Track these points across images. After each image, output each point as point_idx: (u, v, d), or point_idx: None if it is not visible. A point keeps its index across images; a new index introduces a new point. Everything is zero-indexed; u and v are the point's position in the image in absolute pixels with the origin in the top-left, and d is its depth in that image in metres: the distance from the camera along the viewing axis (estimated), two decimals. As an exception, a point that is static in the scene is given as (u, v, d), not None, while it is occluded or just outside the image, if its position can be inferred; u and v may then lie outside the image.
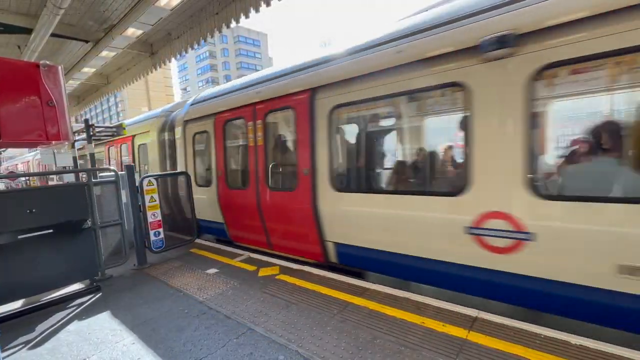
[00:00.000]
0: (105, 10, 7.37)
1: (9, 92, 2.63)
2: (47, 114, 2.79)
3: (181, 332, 2.80)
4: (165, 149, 7.34)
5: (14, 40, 8.47)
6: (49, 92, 2.78)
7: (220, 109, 5.46)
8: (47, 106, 2.79)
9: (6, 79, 2.60)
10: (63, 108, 2.91)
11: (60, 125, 2.87)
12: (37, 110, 2.76)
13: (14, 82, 2.66)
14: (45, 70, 2.77)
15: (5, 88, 2.59)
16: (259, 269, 4.17)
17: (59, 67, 2.95)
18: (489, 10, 2.71)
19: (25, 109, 2.71)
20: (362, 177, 4.03)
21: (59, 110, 2.86)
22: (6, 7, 6.93)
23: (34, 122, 2.77)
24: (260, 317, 2.96)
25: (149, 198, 4.72)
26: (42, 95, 2.77)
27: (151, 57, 10.02)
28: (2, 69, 2.62)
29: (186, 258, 4.90)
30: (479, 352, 2.25)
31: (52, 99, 2.80)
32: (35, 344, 2.80)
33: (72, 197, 3.82)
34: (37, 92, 2.75)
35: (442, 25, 2.97)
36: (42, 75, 2.76)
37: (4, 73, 2.60)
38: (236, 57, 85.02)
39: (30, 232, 3.48)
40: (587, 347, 2.20)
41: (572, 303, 2.51)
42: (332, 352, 2.39)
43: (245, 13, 6.78)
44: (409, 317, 2.77)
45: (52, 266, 3.63)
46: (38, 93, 2.75)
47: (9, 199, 3.43)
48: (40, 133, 2.78)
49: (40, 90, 2.75)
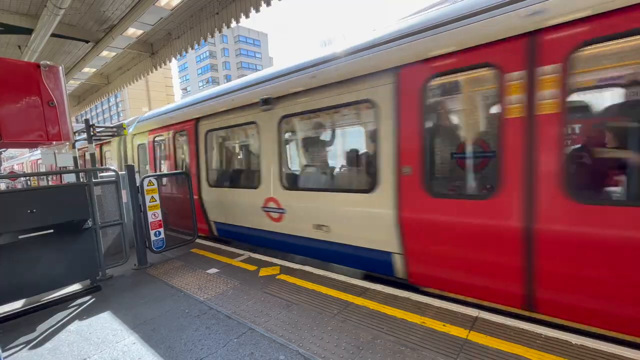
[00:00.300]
0: (106, 11, 7.38)
1: (10, 92, 2.63)
2: (47, 115, 2.80)
3: (182, 332, 2.80)
4: (121, 154, 9.52)
5: (14, 41, 8.48)
6: (50, 93, 2.78)
7: (152, 127, 7.47)
8: (48, 106, 2.79)
9: (7, 79, 2.60)
10: (64, 108, 2.91)
11: (61, 125, 2.88)
12: (38, 110, 2.76)
13: (15, 83, 2.66)
14: (45, 71, 2.78)
15: (5, 88, 2.59)
16: (259, 269, 4.17)
17: (60, 68, 2.95)
18: (262, 82, 4.71)
19: (26, 110, 2.71)
20: (221, 176, 6.14)
21: (60, 110, 2.86)
22: (6, 7, 6.94)
23: (34, 123, 2.77)
24: (260, 316, 2.96)
25: (150, 198, 4.72)
26: (43, 96, 2.77)
27: (151, 57, 10.03)
28: (3, 69, 2.62)
29: (187, 258, 4.90)
30: (480, 352, 2.25)
31: (52, 99, 2.80)
32: (36, 344, 2.80)
33: (73, 197, 3.82)
34: (38, 93, 2.76)
35: (242, 89, 5.05)
36: (43, 75, 2.76)
37: (5, 73, 2.60)
38: (236, 57, 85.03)
39: (31, 232, 3.49)
40: (588, 347, 2.20)
41: (303, 246, 4.45)
42: (333, 351, 2.39)
43: (245, 13, 6.78)
44: (410, 317, 2.77)
45: (53, 266, 3.63)
46: (39, 93, 2.76)
47: (10, 199, 3.43)
48: (41, 133, 2.79)
49: (41, 91, 2.76)
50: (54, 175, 10.96)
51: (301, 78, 4.15)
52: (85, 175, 7.46)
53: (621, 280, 2.23)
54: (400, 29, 3.28)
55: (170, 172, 6.77)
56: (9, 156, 27.35)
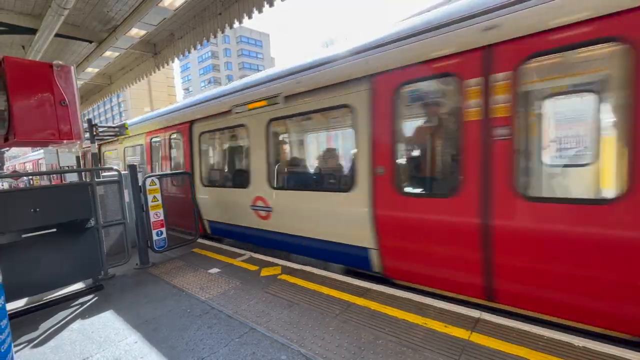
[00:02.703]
0: (109, 11, 7.40)
1: (25, 92, 2.69)
2: (60, 114, 2.85)
3: (183, 332, 2.81)
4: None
5: (18, 41, 8.51)
6: (62, 92, 2.83)
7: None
8: (60, 106, 2.84)
9: (21, 79, 2.67)
10: (75, 108, 2.96)
11: (72, 124, 2.93)
12: (51, 109, 2.82)
13: (30, 83, 2.72)
14: (58, 71, 2.83)
15: (20, 88, 2.65)
16: (260, 269, 4.17)
17: (72, 68, 3.01)
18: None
19: (40, 109, 2.77)
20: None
21: (72, 109, 2.91)
22: (10, 7, 6.97)
23: (47, 121, 2.83)
24: (262, 316, 2.97)
25: (152, 198, 4.73)
26: (56, 95, 2.82)
27: (154, 58, 10.05)
28: (18, 69, 2.68)
29: (188, 258, 4.91)
30: (482, 354, 2.25)
31: (64, 98, 2.85)
32: (39, 343, 2.82)
33: (75, 196, 3.84)
34: (51, 92, 2.82)
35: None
36: (56, 75, 2.81)
37: (20, 73, 2.66)
38: (238, 57, 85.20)
39: (34, 231, 3.51)
40: (590, 349, 2.19)
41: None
42: (334, 352, 2.39)
43: (248, 14, 6.78)
44: (411, 317, 2.77)
45: (55, 265, 3.65)
46: (52, 93, 2.81)
47: (14, 198, 3.45)
48: (53, 132, 2.84)
49: (53, 90, 2.81)
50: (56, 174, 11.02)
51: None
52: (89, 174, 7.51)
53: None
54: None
55: (174, 172, 6.80)
56: (11, 155, 27.46)
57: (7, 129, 2.66)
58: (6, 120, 2.63)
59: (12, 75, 2.59)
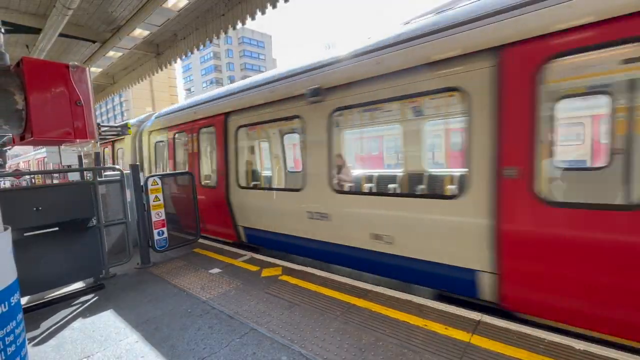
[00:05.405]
0: (113, 11, 7.44)
1: (42, 92, 2.78)
2: (75, 113, 2.92)
3: (184, 331, 2.81)
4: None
5: (22, 40, 8.56)
6: (77, 93, 2.90)
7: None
8: (76, 105, 2.92)
9: (39, 79, 2.75)
10: (90, 107, 3.05)
11: (87, 123, 3.00)
12: (67, 109, 2.91)
13: (47, 83, 2.81)
14: (74, 71, 2.91)
15: (38, 88, 2.73)
16: (261, 270, 4.18)
17: (87, 69, 3.09)
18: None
19: (56, 108, 2.85)
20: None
21: (86, 109, 3.00)
22: (15, 7, 7.01)
23: (63, 121, 2.91)
24: (263, 317, 2.97)
25: (154, 197, 4.75)
26: (72, 95, 2.90)
27: (157, 58, 10.09)
28: (36, 70, 2.75)
29: (189, 258, 4.92)
30: (483, 356, 2.25)
31: (80, 98, 2.93)
32: (40, 341, 2.82)
33: (77, 195, 3.86)
34: (67, 92, 2.90)
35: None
36: (72, 76, 2.89)
37: (38, 74, 2.73)
38: (240, 58, 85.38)
39: (36, 229, 3.52)
40: (591, 353, 2.19)
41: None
42: (335, 353, 2.39)
43: (251, 15, 6.81)
44: (412, 319, 2.77)
45: (57, 264, 3.66)
46: (68, 93, 2.89)
47: (17, 197, 3.47)
48: (69, 131, 2.92)
49: (69, 91, 2.89)
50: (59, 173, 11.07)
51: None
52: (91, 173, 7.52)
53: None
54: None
55: (174, 172, 6.80)
56: (13, 154, 27.54)
57: (24, 128, 2.73)
58: (23, 120, 2.69)
59: (30, 76, 2.67)
